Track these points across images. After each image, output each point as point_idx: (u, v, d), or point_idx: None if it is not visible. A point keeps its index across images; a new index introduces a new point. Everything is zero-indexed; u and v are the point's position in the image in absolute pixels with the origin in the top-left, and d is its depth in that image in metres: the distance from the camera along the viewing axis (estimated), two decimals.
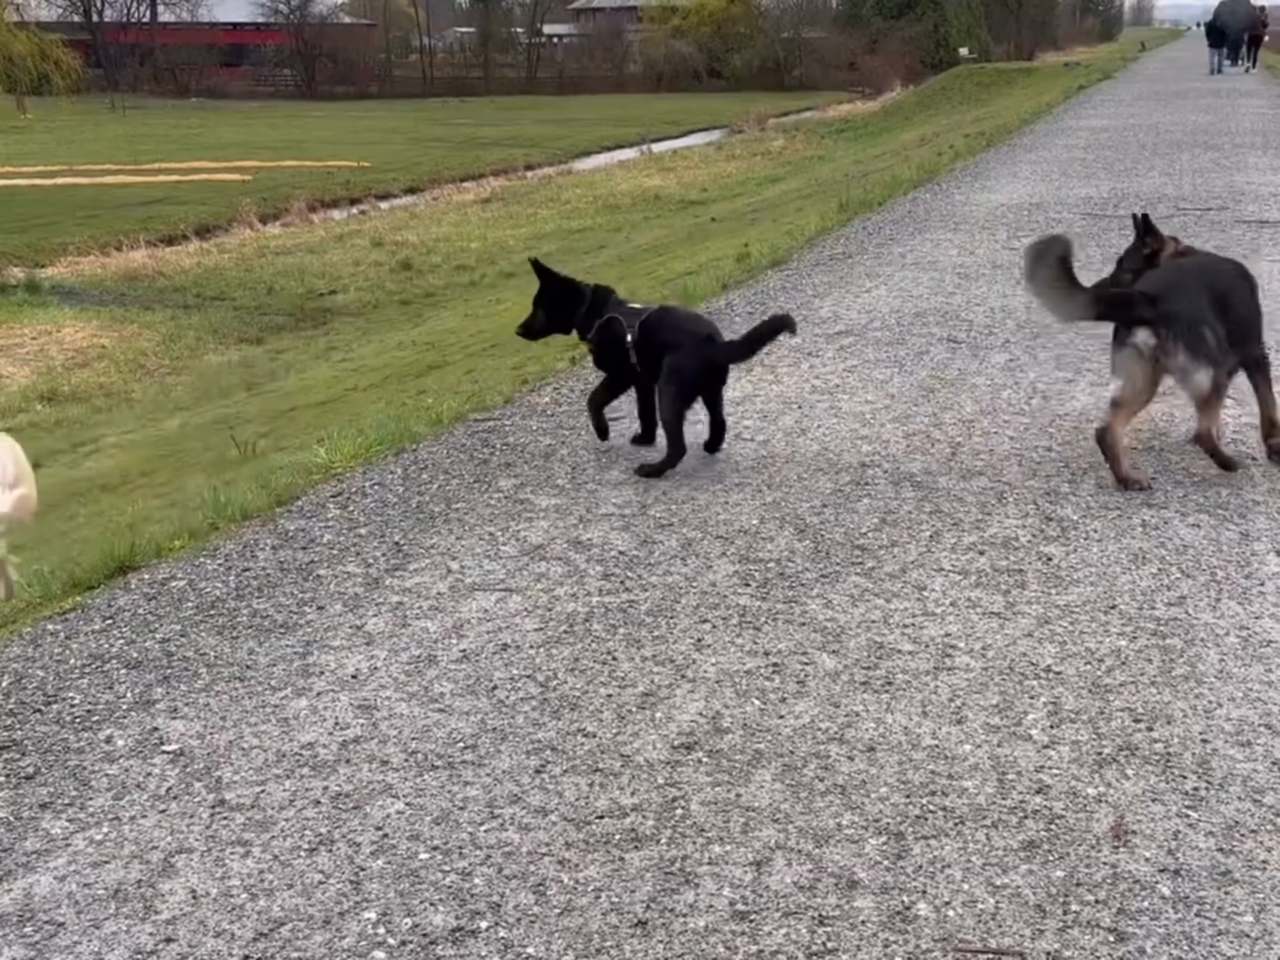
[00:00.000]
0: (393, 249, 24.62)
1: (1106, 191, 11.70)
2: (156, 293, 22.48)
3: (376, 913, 2.41)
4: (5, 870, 2.60)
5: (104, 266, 24.73)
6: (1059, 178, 12.96)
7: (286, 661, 3.39)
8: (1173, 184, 12.07)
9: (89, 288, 23.11)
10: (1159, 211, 10.39)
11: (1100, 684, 3.19)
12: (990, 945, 2.32)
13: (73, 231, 27.63)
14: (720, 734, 2.99)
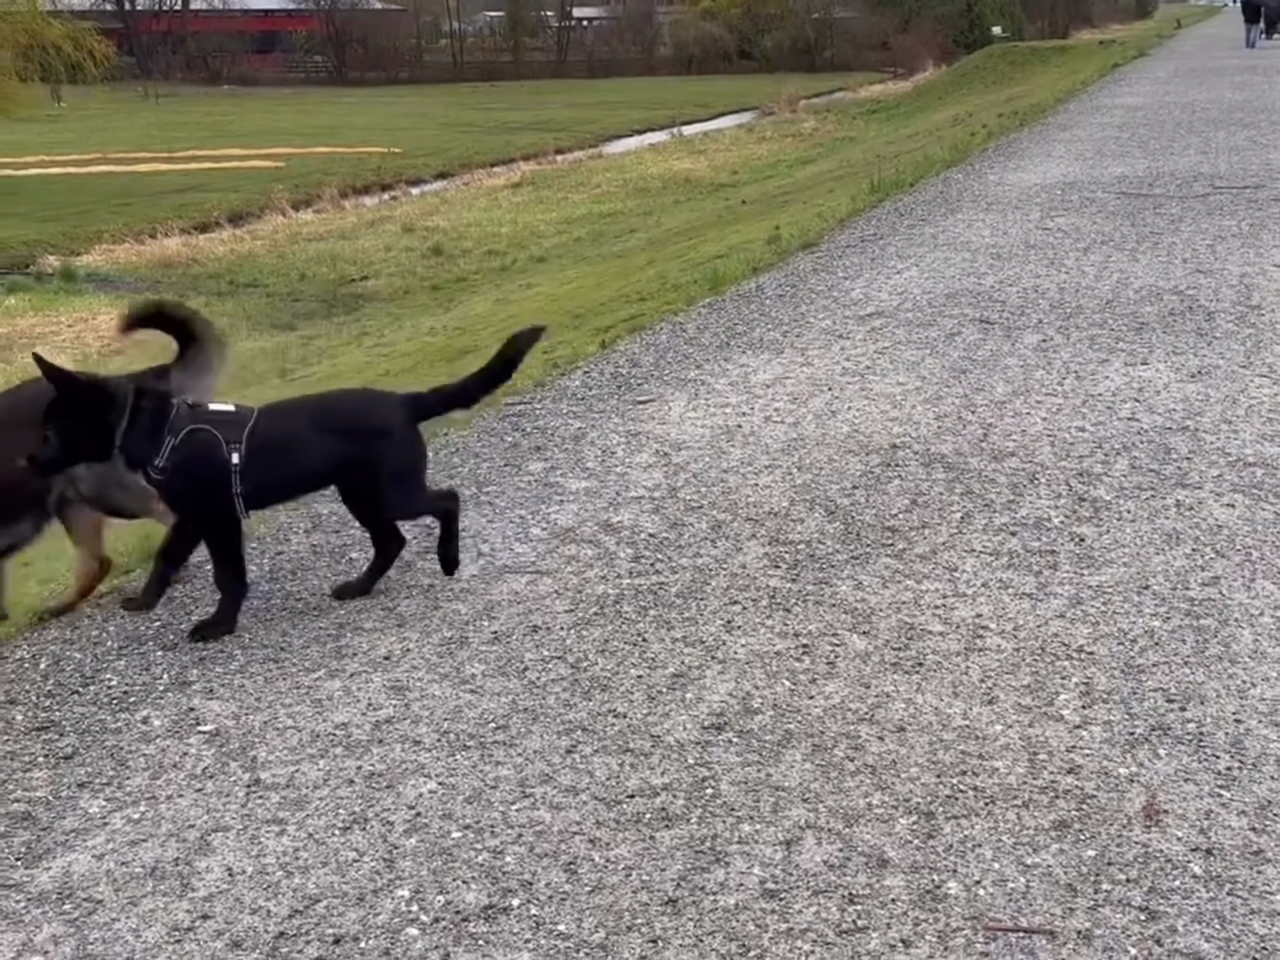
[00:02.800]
0: (424, 234, 24.68)
1: (1142, 170, 11.60)
2: (190, 280, 22.61)
3: (410, 890, 2.44)
4: (44, 849, 2.64)
5: (138, 254, 24.89)
6: (1093, 157, 12.86)
7: (320, 643, 3.42)
8: (1209, 162, 11.96)
9: (124, 275, 23.27)
10: (1194, 190, 10.32)
11: (1133, 664, 3.18)
12: (1021, 924, 2.32)
13: (107, 219, 27.83)
14: (750, 714, 3.00)
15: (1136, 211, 9.45)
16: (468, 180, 33.26)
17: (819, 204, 12.89)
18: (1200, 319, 6.35)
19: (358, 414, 3.73)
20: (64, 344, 18.98)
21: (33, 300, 21.17)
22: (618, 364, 6.17)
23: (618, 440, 4.97)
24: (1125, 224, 8.97)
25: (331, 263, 22.68)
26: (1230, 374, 5.45)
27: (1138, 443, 4.68)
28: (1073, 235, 8.68)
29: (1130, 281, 7.21)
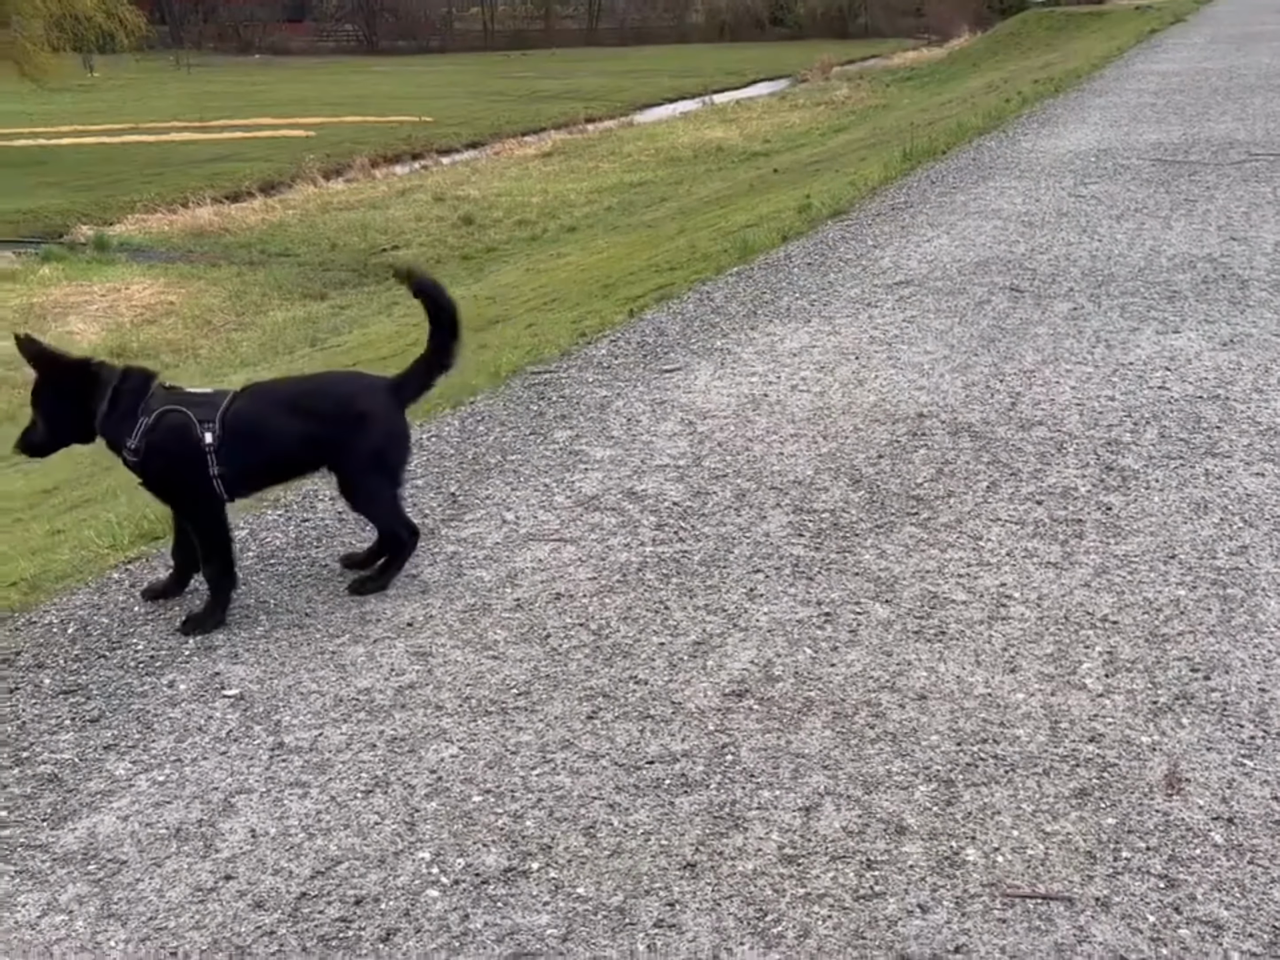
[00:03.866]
0: (454, 204, 24.66)
1: (1178, 137, 11.46)
2: (222, 249, 22.69)
3: (430, 853, 2.46)
4: (70, 810, 2.67)
5: (171, 224, 24.99)
6: (1129, 123, 12.72)
7: (344, 609, 3.44)
8: (1245, 129, 11.81)
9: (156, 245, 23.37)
10: (1230, 157, 10.20)
11: (1158, 633, 3.16)
12: (1039, 890, 2.32)
13: (140, 189, 27.92)
14: (771, 682, 3.00)
15: (1171, 179, 9.35)
16: (498, 149, 33.18)
17: (851, 172, 12.80)
18: (1233, 287, 6.28)
19: (338, 397, 3.55)
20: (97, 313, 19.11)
21: (66, 270, 21.29)
22: (644, 333, 6.16)
23: (643, 409, 4.97)
24: (1159, 191, 8.88)
25: (362, 232, 22.71)
26: (1263, 342, 5.40)
27: (1168, 411, 4.65)
28: (1106, 202, 8.59)
29: (1163, 249, 7.14)
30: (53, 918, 2.36)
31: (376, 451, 3.51)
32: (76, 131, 37.81)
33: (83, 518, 5.93)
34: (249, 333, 16.95)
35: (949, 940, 2.21)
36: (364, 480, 3.54)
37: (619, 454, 4.49)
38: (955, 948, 2.19)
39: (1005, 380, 5.09)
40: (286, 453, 3.49)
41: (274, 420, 3.45)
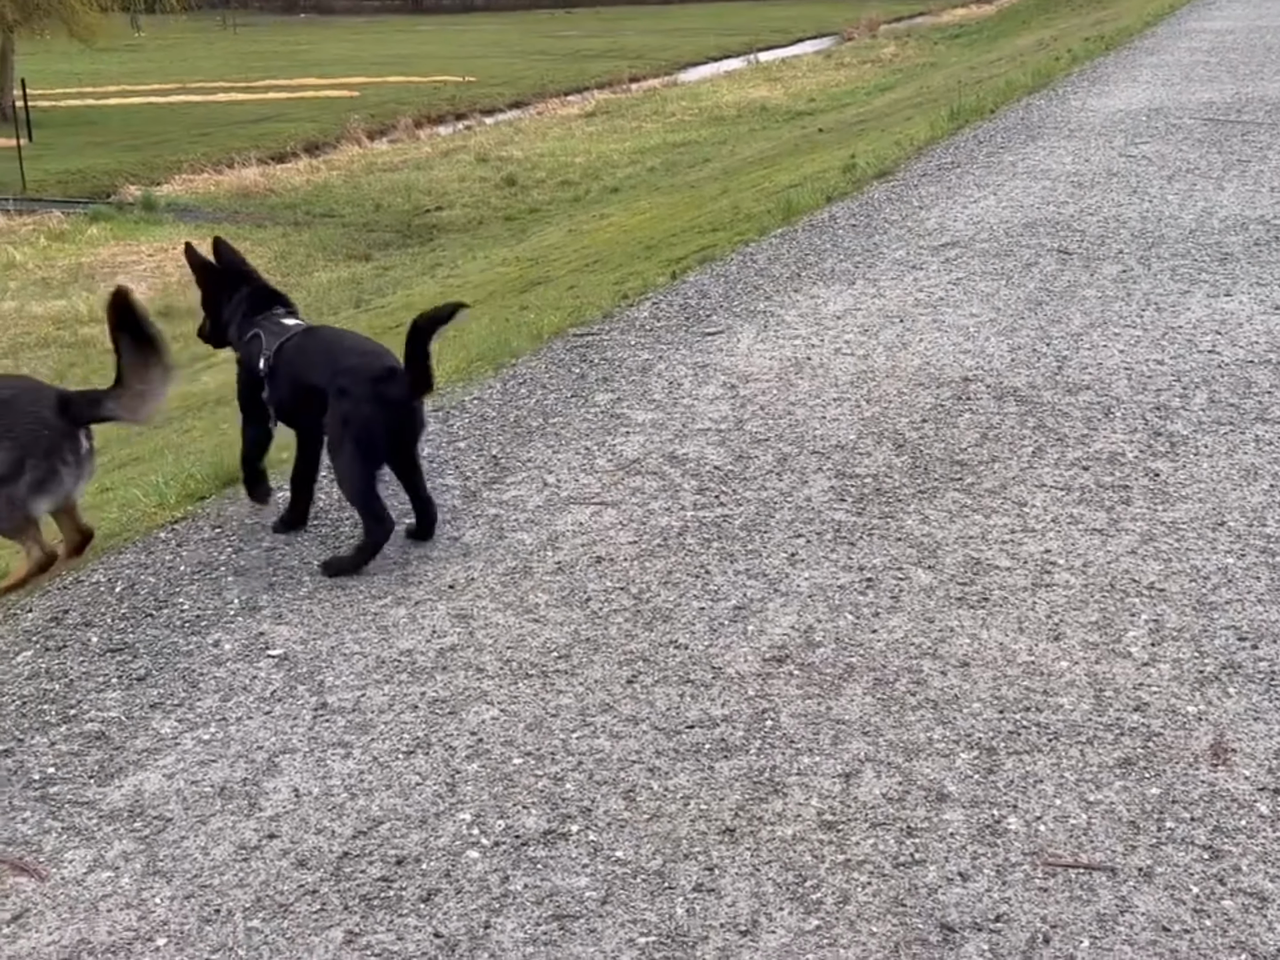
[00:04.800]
0: (497, 165, 24.63)
1: (1230, 96, 11.25)
2: (268, 210, 22.76)
3: (471, 814, 2.47)
4: (117, 768, 2.69)
5: (217, 184, 25.10)
6: (1180, 82, 12.49)
7: (386, 571, 3.45)
8: None
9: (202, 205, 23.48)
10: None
11: (1205, 601, 3.12)
12: (1081, 860, 2.30)
13: (186, 149, 28.07)
14: (812, 647, 2.98)
15: (1224, 139, 9.18)
16: (541, 109, 33.09)
17: (897, 132, 12.66)
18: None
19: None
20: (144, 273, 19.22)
21: (114, 229, 21.44)
22: (687, 295, 6.12)
23: (685, 372, 4.94)
24: (1211, 151, 8.72)
25: (406, 193, 22.73)
26: None
27: (1218, 376, 4.58)
28: (1157, 163, 8.46)
29: (1215, 211, 7.02)
30: (99, 874, 2.39)
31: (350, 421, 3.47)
32: (124, 92, 37.99)
33: (130, 476, 5.98)
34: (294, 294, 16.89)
35: (989, 909, 2.19)
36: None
37: (660, 417, 4.47)
38: (996, 916, 2.18)
39: (1052, 344, 5.03)
40: (289, 396, 3.65)
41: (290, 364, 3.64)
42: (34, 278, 18.96)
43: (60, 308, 17.29)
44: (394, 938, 2.19)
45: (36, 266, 19.44)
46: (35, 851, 2.46)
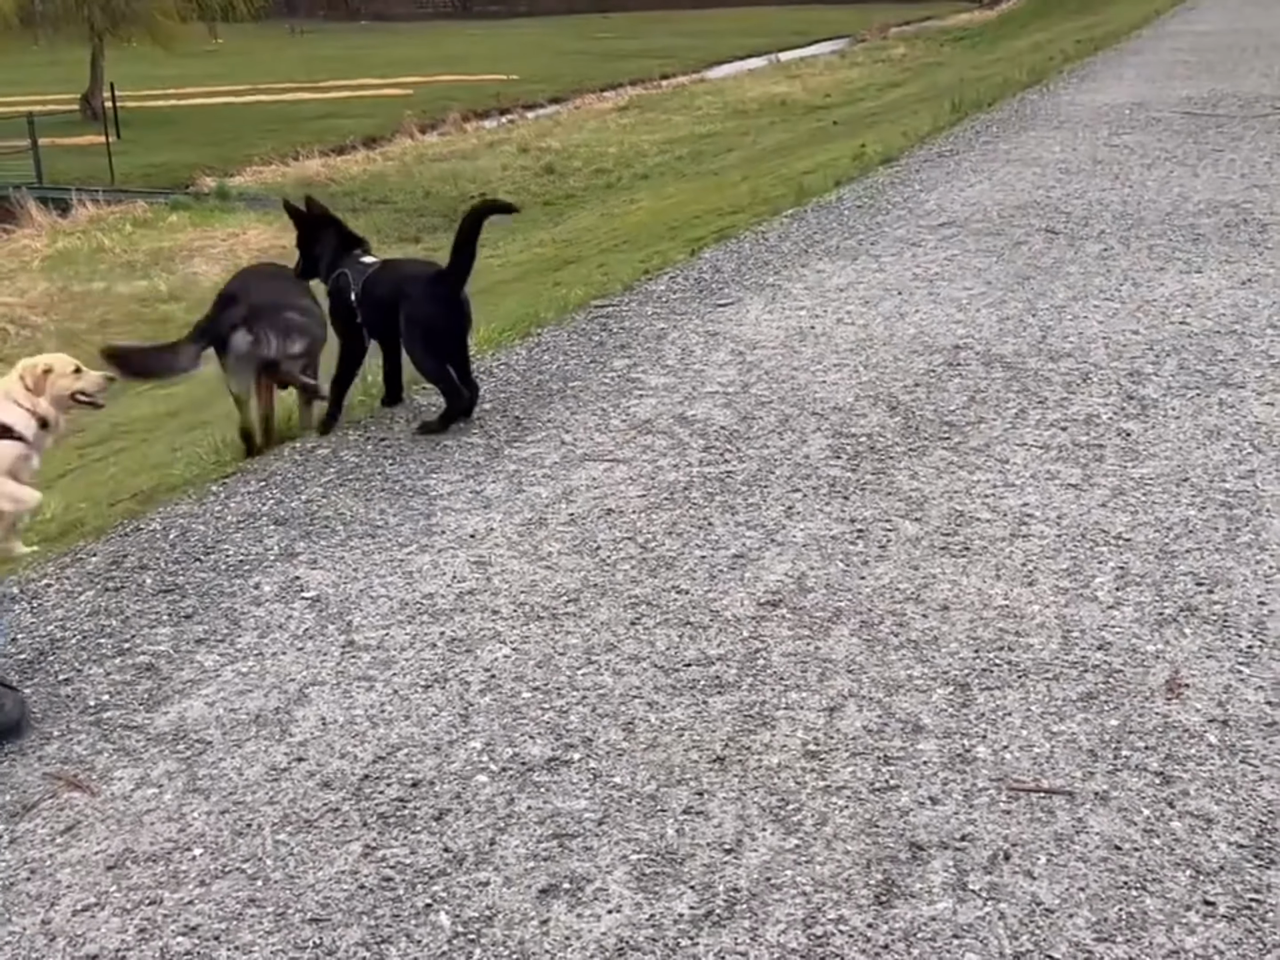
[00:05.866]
0: (537, 154, 24.49)
1: (1207, 92, 11.02)
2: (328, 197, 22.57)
3: (481, 742, 2.43)
4: (164, 695, 2.68)
5: (283, 175, 25.07)
6: (1162, 79, 12.25)
7: (413, 521, 3.41)
8: (1271, 85, 11.34)
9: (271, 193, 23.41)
10: (1256, 110, 9.79)
11: (1167, 550, 3.05)
12: (1042, 785, 2.25)
13: (257, 144, 28.01)
14: (804, 593, 2.93)
15: (1200, 130, 8.99)
16: (579, 104, 32.83)
17: (904, 124, 12.47)
18: (1254, 230, 6.03)
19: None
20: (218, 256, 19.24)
21: (192, 217, 21.46)
22: (702, 270, 6.04)
23: (697, 340, 4.87)
24: (1188, 142, 8.54)
25: (453, 181, 22.63)
26: (1279, 282, 5.18)
27: (1187, 345, 4.47)
28: (1138, 152, 8.29)
29: (1190, 195, 6.87)
30: (144, 790, 2.37)
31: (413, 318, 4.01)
32: (202, 93, 37.95)
33: (200, 438, 5.98)
34: None
35: (955, 830, 2.15)
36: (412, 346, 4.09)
37: (672, 381, 4.40)
38: (961, 836, 2.13)
39: (1038, 315, 4.93)
40: (375, 315, 4.11)
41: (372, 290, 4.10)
42: (120, 261, 19.03)
43: (143, 288, 17.35)
44: (407, 851, 2.16)
45: (123, 251, 19.50)
46: (88, 770, 2.45)
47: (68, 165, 25.20)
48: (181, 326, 17.76)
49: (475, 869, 2.11)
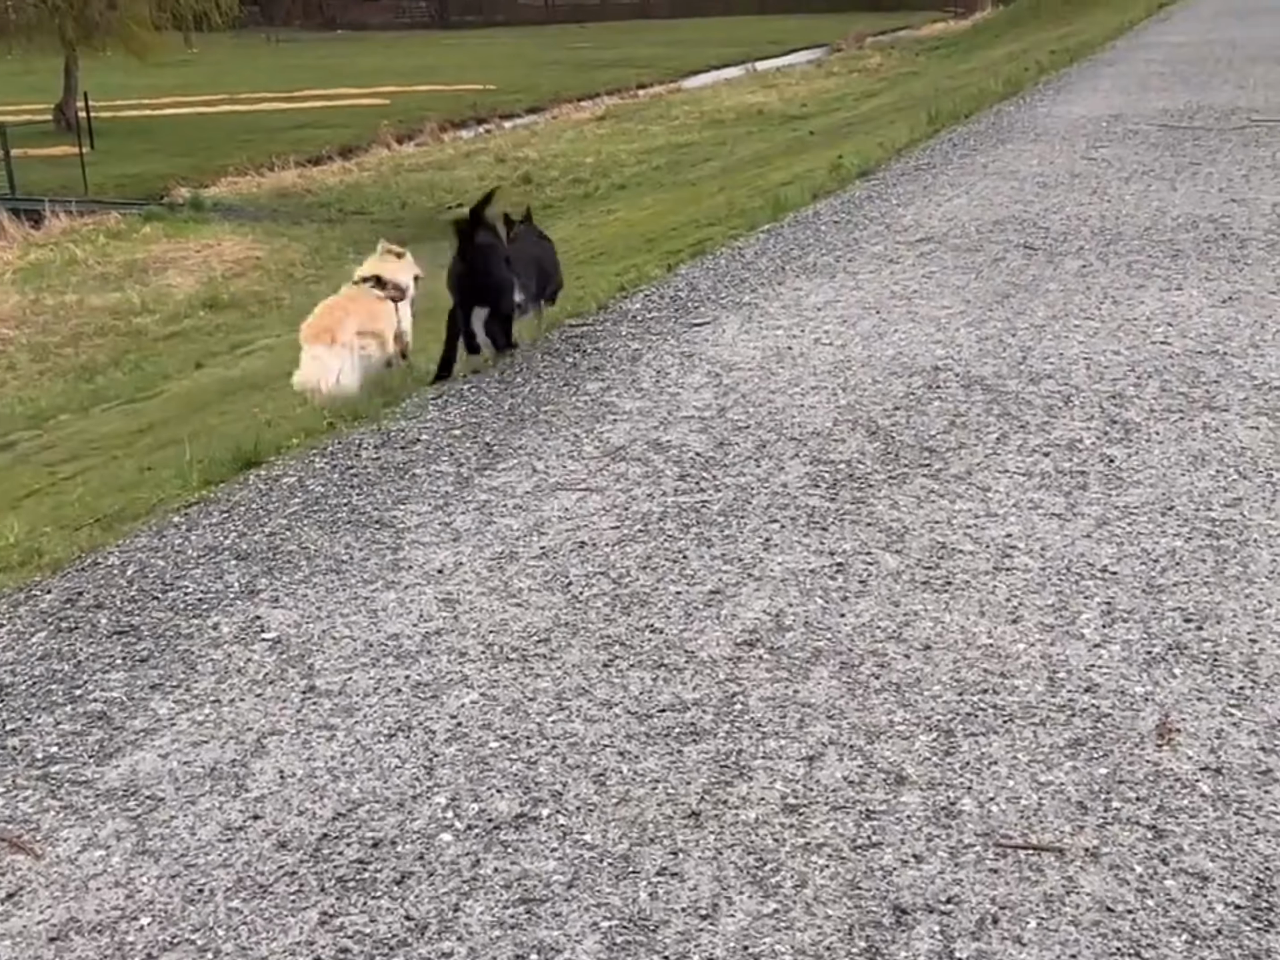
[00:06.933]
0: (514, 164, 24.40)
1: (1182, 104, 11.00)
2: (304, 208, 22.58)
3: (446, 797, 2.32)
4: (116, 747, 2.56)
5: (259, 185, 24.92)
6: (1137, 91, 12.24)
7: (379, 556, 3.30)
8: (1246, 96, 11.33)
9: (246, 204, 23.29)
10: (1232, 122, 9.77)
11: (1154, 583, 2.96)
12: (1031, 841, 2.16)
13: (232, 154, 27.80)
14: (782, 631, 2.83)
15: (1176, 143, 8.95)
16: (556, 114, 32.74)
17: (880, 134, 12.42)
18: (1233, 246, 5.97)
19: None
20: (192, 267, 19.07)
21: (165, 228, 21.28)
22: (677, 288, 5.95)
23: (672, 361, 4.77)
24: (1165, 155, 8.50)
25: (430, 191, 22.53)
26: (1260, 299, 5.11)
27: (1169, 366, 4.40)
28: (1115, 165, 8.24)
29: (1168, 210, 6.82)
30: (92, 853, 2.25)
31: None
32: (177, 103, 37.74)
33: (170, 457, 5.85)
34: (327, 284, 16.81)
35: (941, 891, 2.05)
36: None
37: (647, 405, 4.30)
38: (947, 898, 2.03)
39: (1017, 335, 4.86)
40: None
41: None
42: (93, 273, 18.84)
43: (116, 300, 17.18)
44: (367, 919, 2.05)
45: (96, 262, 19.32)
46: (33, 830, 2.33)
47: (41, 176, 24.99)
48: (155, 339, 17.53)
49: (438, 938, 2.00)
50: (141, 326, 15.94)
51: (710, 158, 21.92)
